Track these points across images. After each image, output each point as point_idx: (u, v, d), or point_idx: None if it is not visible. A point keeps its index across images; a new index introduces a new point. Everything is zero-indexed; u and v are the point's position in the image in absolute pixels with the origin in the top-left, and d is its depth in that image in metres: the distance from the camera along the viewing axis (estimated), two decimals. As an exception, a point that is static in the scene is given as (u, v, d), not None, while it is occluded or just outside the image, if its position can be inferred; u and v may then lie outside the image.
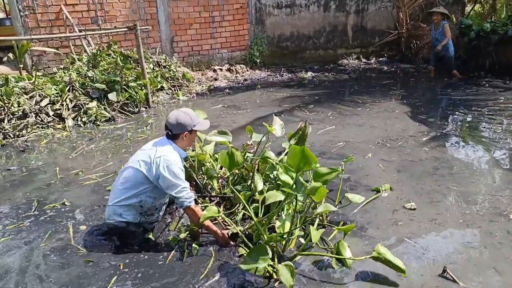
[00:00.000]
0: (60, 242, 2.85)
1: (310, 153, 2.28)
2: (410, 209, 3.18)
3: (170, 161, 2.56)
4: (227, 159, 2.72)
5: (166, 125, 2.70)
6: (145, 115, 6.14)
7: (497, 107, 5.97)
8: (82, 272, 2.52)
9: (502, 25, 8.10)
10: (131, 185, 2.62)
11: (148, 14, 7.92)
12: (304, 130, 3.03)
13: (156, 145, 2.68)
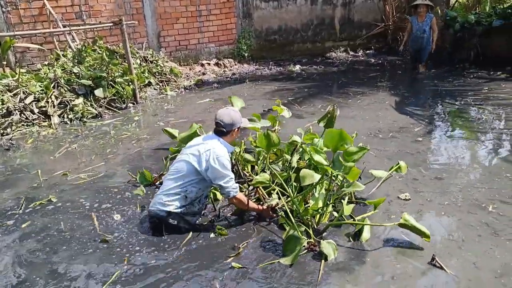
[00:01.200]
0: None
1: (347, 134, 2.59)
2: (404, 199, 3.21)
3: (219, 154, 2.74)
4: (264, 140, 3.03)
5: (219, 123, 2.86)
6: (132, 111, 6.08)
7: (482, 97, 6.06)
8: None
9: (487, 16, 8.20)
10: (180, 176, 2.78)
11: (134, 8, 7.82)
12: (333, 113, 3.17)
13: (205, 140, 2.89)
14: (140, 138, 4.89)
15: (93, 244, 2.78)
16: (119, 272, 2.47)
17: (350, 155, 2.64)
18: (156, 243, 2.77)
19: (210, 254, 2.64)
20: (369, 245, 2.68)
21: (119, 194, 3.49)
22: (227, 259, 2.56)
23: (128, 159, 4.26)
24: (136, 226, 2.98)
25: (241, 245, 2.67)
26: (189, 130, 3.67)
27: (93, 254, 2.68)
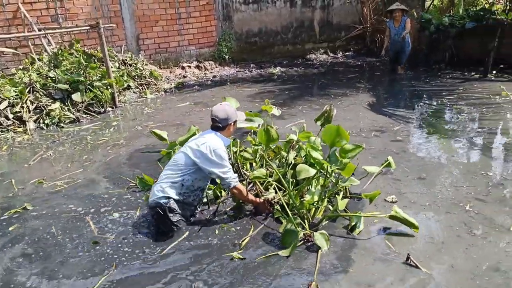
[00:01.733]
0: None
1: (344, 131, 2.71)
2: (391, 201, 3.21)
3: (216, 146, 2.85)
4: (264, 135, 3.16)
5: (215, 118, 2.96)
6: (111, 115, 6.00)
7: (457, 97, 6.23)
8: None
9: (460, 18, 8.43)
10: (178, 166, 2.90)
11: (112, 11, 7.72)
12: (329, 112, 3.27)
13: (201, 135, 3.04)
14: (117, 144, 4.80)
15: (80, 250, 2.73)
16: (106, 277, 2.44)
17: (346, 152, 2.84)
18: (149, 244, 2.76)
19: (210, 250, 2.70)
20: (362, 236, 2.80)
21: (98, 199, 3.44)
22: (227, 254, 2.64)
23: (105, 166, 4.18)
24: (127, 231, 2.95)
25: (242, 241, 2.76)
26: (188, 133, 3.73)
27: (82, 259, 2.63)
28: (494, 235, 2.74)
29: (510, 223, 2.86)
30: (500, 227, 2.83)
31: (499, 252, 2.55)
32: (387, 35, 7.97)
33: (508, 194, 3.28)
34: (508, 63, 7.59)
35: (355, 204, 3.21)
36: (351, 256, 2.60)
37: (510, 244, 2.63)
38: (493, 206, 3.10)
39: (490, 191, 3.33)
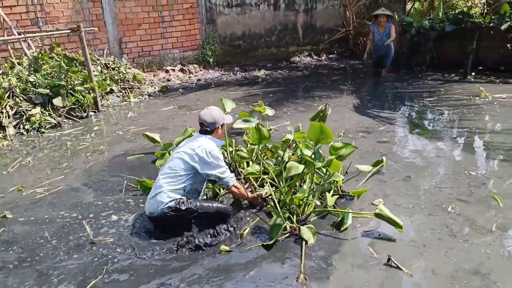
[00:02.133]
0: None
1: (327, 128, 2.79)
2: (378, 205, 3.20)
3: (211, 148, 2.92)
4: (255, 134, 3.29)
5: (203, 123, 3.04)
6: (94, 120, 5.90)
7: (439, 98, 6.35)
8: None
9: (440, 22, 8.61)
10: (177, 173, 2.89)
11: (94, 14, 7.62)
12: (325, 111, 3.37)
13: (193, 139, 3.06)
14: (97, 150, 4.69)
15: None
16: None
17: (336, 150, 3.01)
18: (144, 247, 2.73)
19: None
20: (348, 233, 2.90)
21: (78, 207, 3.38)
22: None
23: (85, 172, 4.08)
24: (120, 235, 2.91)
25: (243, 231, 2.91)
26: (184, 134, 3.78)
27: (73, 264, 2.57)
28: (475, 236, 2.78)
29: (491, 224, 2.92)
30: (481, 228, 2.87)
31: (480, 255, 2.59)
32: (370, 38, 8.01)
33: (490, 194, 3.35)
34: (486, 65, 7.79)
35: (346, 203, 3.30)
36: (335, 252, 2.69)
37: (490, 245, 2.67)
38: (475, 207, 3.16)
39: (473, 191, 3.40)
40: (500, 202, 3.19)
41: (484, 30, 7.72)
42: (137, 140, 4.95)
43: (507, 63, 7.61)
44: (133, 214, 3.21)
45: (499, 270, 2.43)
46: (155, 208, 2.83)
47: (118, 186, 3.73)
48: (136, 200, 3.46)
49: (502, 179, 3.61)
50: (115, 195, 3.56)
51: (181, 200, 2.82)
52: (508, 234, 2.80)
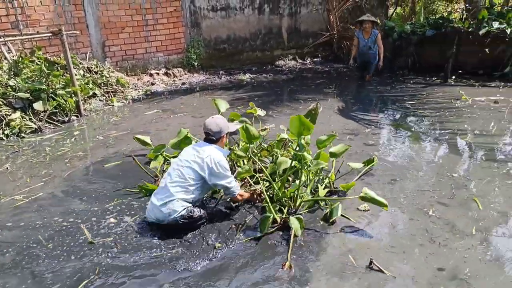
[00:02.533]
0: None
1: (306, 120, 2.93)
2: (364, 210, 3.22)
3: (220, 159, 2.96)
4: (244, 134, 3.39)
5: (208, 132, 3.07)
6: (76, 124, 5.81)
7: (421, 101, 6.47)
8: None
9: (421, 26, 8.79)
10: (187, 183, 2.92)
11: (76, 18, 7.51)
12: (316, 110, 3.47)
13: (201, 147, 3.05)
14: (76, 156, 4.57)
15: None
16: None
17: (322, 142, 3.24)
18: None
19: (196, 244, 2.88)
20: (335, 227, 3.04)
21: (66, 213, 3.31)
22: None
23: (65, 180, 3.96)
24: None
25: (241, 225, 3.06)
26: (178, 136, 3.79)
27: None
28: (454, 241, 2.81)
29: (470, 227, 2.95)
30: (461, 232, 2.90)
31: (458, 260, 2.59)
32: (355, 44, 8.00)
33: (471, 196, 3.40)
34: (466, 69, 7.98)
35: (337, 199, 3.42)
36: (323, 241, 2.86)
37: (469, 250, 2.70)
38: (456, 210, 3.21)
39: (455, 193, 3.46)
40: (480, 204, 3.25)
41: (463, 35, 7.91)
42: (117, 146, 4.88)
43: (485, 67, 7.81)
44: (132, 217, 3.19)
45: (476, 275, 2.45)
46: (165, 216, 2.86)
47: (97, 193, 3.68)
48: (121, 207, 3.41)
49: (482, 180, 3.69)
50: (94, 202, 3.50)
51: (191, 208, 2.91)
52: (486, 237, 2.84)
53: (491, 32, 7.54)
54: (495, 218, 3.07)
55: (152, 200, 2.95)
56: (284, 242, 2.84)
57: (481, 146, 4.50)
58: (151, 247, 2.81)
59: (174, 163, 3.06)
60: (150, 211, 2.95)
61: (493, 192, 3.47)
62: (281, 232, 2.95)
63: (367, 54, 7.76)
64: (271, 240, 2.88)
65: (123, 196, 3.56)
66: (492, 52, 7.63)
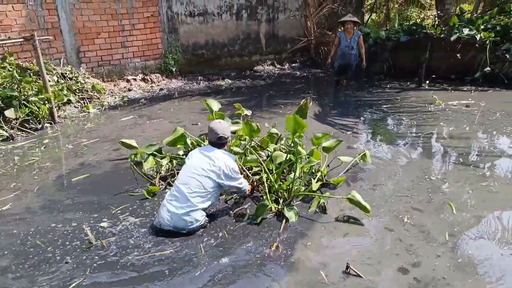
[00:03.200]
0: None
1: (300, 119, 3.24)
2: (343, 221, 3.17)
3: (233, 165, 3.16)
4: (246, 129, 3.68)
5: (223, 137, 3.16)
6: (49, 131, 5.65)
7: (397, 106, 6.61)
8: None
9: (395, 32, 9.02)
10: (206, 192, 3.04)
11: (49, 23, 7.34)
12: (306, 105, 3.66)
13: (213, 155, 3.13)
14: (43, 167, 4.38)
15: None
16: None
17: (318, 139, 3.58)
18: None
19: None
20: (326, 216, 3.28)
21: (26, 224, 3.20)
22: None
23: (33, 193, 3.81)
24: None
25: (236, 211, 3.34)
26: (174, 134, 3.86)
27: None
28: (427, 248, 2.78)
29: (443, 233, 2.94)
30: (434, 239, 2.89)
31: (430, 270, 2.56)
32: (335, 44, 7.94)
33: (447, 201, 3.43)
34: (439, 74, 8.21)
35: (328, 191, 3.64)
36: (310, 230, 3.09)
37: (440, 257, 2.67)
38: (430, 215, 3.21)
39: (432, 198, 3.48)
40: (454, 209, 3.29)
41: (435, 41, 8.15)
42: (85, 155, 4.72)
43: (457, 72, 8.07)
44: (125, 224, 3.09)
45: (447, 283, 2.44)
46: (187, 225, 2.97)
47: (72, 205, 3.58)
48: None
49: (458, 183, 3.76)
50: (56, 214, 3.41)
51: (206, 217, 3.11)
52: (458, 243, 2.84)
53: (462, 38, 7.80)
54: (468, 222, 3.10)
55: (169, 208, 2.96)
56: (276, 229, 3.08)
57: (455, 149, 4.61)
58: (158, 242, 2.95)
59: (187, 170, 3.09)
60: (167, 219, 2.96)
61: (467, 194, 3.55)
62: (275, 219, 3.22)
63: (348, 54, 7.73)
64: (266, 226, 3.12)
65: (99, 211, 3.47)
66: (463, 57, 7.90)
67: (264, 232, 3.05)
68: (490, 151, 4.52)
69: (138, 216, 3.31)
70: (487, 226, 3.06)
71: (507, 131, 5.13)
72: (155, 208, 3.41)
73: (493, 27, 7.93)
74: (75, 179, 4.06)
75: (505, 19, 8.12)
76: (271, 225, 3.14)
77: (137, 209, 3.43)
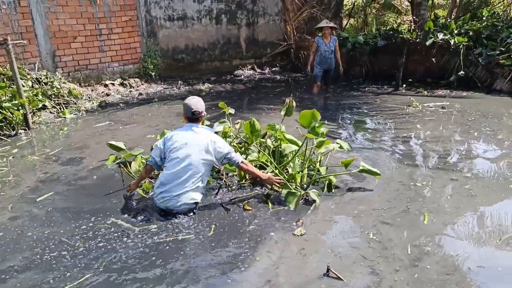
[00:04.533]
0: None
1: (317, 112, 3.69)
2: (299, 235, 3.01)
3: (217, 139, 3.37)
4: (249, 127, 3.90)
5: (198, 111, 3.37)
6: (24, 138, 5.48)
7: (375, 109, 6.72)
8: None
9: (373, 37, 9.19)
10: (199, 172, 3.25)
11: (23, 27, 7.15)
12: (290, 103, 3.95)
13: (199, 132, 3.33)
14: (6, 182, 4.06)
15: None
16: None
17: (318, 127, 3.82)
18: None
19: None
20: (337, 194, 3.65)
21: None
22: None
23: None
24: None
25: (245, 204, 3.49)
26: (161, 136, 4.12)
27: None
28: (387, 267, 2.60)
29: (405, 248, 2.78)
30: (395, 258, 2.68)
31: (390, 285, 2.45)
32: (313, 51, 7.87)
33: (423, 211, 3.30)
34: (415, 77, 8.40)
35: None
36: (329, 208, 3.46)
37: (397, 282, 2.48)
38: (399, 229, 3.05)
39: (409, 207, 3.37)
40: (426, 218, 3.17)
41: (412, 45, 8.34)
42: (47, 166, 4.45)
43: (433, 76, 8.28)
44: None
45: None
46: (181, 205, 3.20)
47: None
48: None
49: (434, 189, 3.71)
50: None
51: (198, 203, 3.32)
52: (420, 257, 2.69)
53: (437, 42, 8.01)
54: (436, 233, 2.98)
55: (169, 189, 3.19)
56: (301, 207, 3.44)
57: (435, 152, 4.66)
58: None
59: (180, 153, 3.23)
60: (166, 200, 3.20)
61: (445, 200, 3.49)
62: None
63: (329, 59, 7.66)
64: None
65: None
66: (438, 61, 8.12)
67: (292, 214, 3.33)
68: (468, 153, 4.63)
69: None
70: (456, 235, 2.98)
71: (483, 131, 5.29)
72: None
73: (466, 32, 8.19)
74: (40, 199, 3.65)
75: (477, 25, 8.40)
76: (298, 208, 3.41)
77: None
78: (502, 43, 7.62)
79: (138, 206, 3.49)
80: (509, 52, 7.35)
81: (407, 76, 8.28)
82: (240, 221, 3.23)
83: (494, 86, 7.57)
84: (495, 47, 7.64)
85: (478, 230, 3.07)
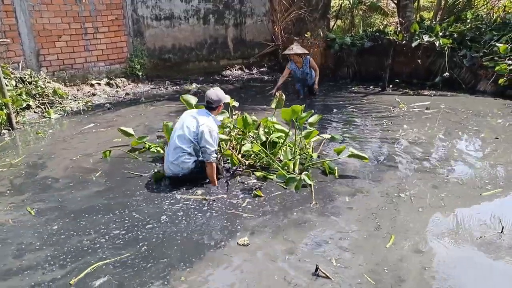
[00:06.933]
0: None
1: (299, 108, 4.06)
2: (242, 245, 2.86)
3: (213, 128, 3.71)
4: (241, 121, 4.27)
5: (209, 101, 3.78)
6: (7, 138, 5.37)
7: (362, 109, 6.78)
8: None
9: (360, 38, 9.27)
10: (185, 140, 3.70)
11: (7, 25, 7.02)
12: (280, 97, 4.47)
13: (199, 115, 3.79)
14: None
15: None
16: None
17: (302, 119, 4.23)
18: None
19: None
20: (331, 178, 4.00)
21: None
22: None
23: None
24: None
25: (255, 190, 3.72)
26: (165, 130, 4.48)
27: None
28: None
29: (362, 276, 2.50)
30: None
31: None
32: (283, 76, 7.73)
33: (392, 230, 3.01)
34: (401, 78, 8.51)
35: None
36: (324, 191, 3.22)
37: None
38: (358, 256, 2.73)
39: (380, 225, 3.10)
40: (392, 240, 2.88)
41: (398, 46, 8.44)
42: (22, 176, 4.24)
43: (418, 77, 8.39)
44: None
45: None
46: (179, 169, 3.70)
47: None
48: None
49: (423, 197, 3.59)
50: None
51: (197, 159, 3.74)
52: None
53: (422, 44, 8.12)
54: (395, 262, 2.65)
55: (168, 158, 3.74)
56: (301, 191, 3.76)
57: (416, 153, 4.67)
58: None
59: (179, 127, 3.77)
60: (167, 168, 3.76)
61: (417, 214, 3.28)
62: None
63: (304, 79, 7.56)
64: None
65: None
66: (424, 63, 8.23)
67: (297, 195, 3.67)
68: (451, 154, 4.68)
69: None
70: (417, 260, 2.67)
71: (466, 131, 5.38)
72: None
73: (451, 34, 8.32)
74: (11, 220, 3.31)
75: (461, 27, 8.54)
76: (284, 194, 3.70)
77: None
78: (485, 45, 7.77)
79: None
80: (492, 54, 7.50)
81: (393, 77, 8.37)
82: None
83: (478, 87, 7.71)
84: (478, 49, 7.78)
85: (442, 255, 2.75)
